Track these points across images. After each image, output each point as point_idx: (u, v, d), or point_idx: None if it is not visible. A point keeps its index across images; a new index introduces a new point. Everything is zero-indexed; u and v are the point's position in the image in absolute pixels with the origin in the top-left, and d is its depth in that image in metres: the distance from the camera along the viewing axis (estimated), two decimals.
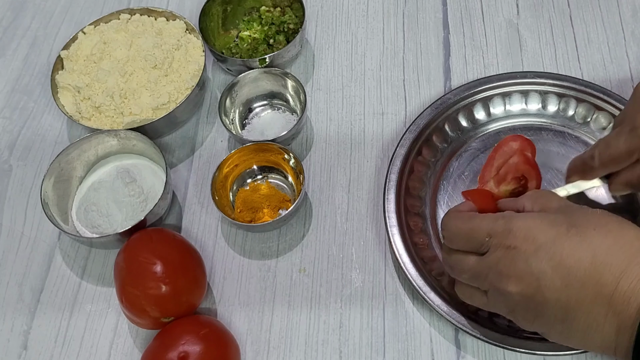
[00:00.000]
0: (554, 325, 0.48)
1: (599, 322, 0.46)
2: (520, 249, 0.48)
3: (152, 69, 0.72)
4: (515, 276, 0.48)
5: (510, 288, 0.48)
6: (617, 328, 0.46)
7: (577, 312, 0.46)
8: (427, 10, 0.80)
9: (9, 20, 0.86)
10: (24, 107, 0.78)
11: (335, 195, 0.68)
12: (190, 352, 0.55)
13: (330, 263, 0.65)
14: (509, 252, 0.48)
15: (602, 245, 0.46)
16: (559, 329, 0.48)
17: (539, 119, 0.69)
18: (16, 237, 0.69)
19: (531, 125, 0.69)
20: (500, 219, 0.50)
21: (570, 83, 0.69)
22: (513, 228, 0.48)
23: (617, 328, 0.46)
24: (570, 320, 0.47)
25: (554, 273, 0.46)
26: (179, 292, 0.59)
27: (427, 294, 0.59)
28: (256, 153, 0.68)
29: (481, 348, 0.59)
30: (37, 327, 0.64)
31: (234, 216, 0.65)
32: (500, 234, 0.49)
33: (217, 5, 0.77)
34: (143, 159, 0.70)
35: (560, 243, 0.47)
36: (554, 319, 0.48)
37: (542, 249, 0.47)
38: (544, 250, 0.47)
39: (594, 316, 0.46)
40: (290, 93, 0.73)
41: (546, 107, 0.69)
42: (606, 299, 0.45)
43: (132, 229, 0.62)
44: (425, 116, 0.68)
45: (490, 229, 0.50)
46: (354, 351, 0.60)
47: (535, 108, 0.70)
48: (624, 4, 0.78)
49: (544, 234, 0.47)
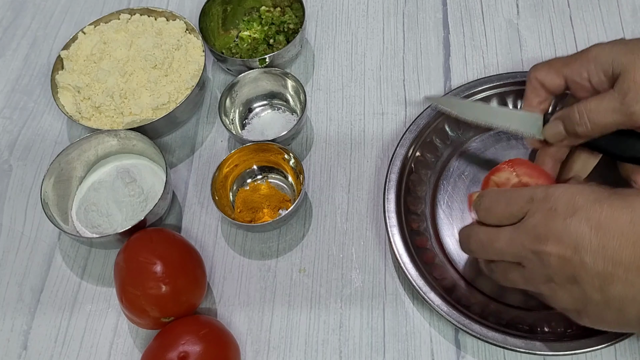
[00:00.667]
0: (591, 295, 0.47)
1: (636, 289, 0.45)
2: (559, 211, 0.47)
3: (152, 69, 0.72)
4: (553, 237, 0.47)
5: (549, 249, 0.47)
6: None
7: (614, 277, 0.45)
8: (427, 10, 0.80)
9: (9, 20, 0.86)
10: (24, 107, 0.79)
11: (335, 195, 0.68)
12: (190, 352, 0.55)
13: (330, 263, 0.65)
14: (548, 214, 0.47)
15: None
16: (597, 299, 0.47)
17: None
18: (16, 237, 0.69)
19: None
20: (540, 187, 0.50)
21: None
22: (555, 193, 0.48)
23: None
24: (607, 288, 0.46)
25: (592, 233, 0.45)
26: (179, 292, 0.59)
27: (427, 294, 0.59)
28: (256, 153, 0.68)
29: (481, 348, 0.59)
30: (37, 327, 0.64)
31: (234, 216, 0.65)
32: (541, 199, 0.49)
33: (217, 5, 0.77)
34: (143, 159, 0.70)
35: (599, 205, 0.46)
36: (591, 286, 0.46)
37: (581, 209, 0.46)
38: (583, 210, 0.46)
39: (632, 282, 0.45)
40: (290, 93, 0.73)
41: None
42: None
43: (132, 229, 0.62)
44: (425, 116, 0.68)
45: (532, 193, 0.50)
46: (354, 351, 0.60)
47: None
48: (624, 4, 0.78)
49: (584, 198, 0.47)
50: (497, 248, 0.51)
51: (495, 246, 0.51)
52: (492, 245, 0.51)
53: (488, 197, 0.53)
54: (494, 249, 0.51)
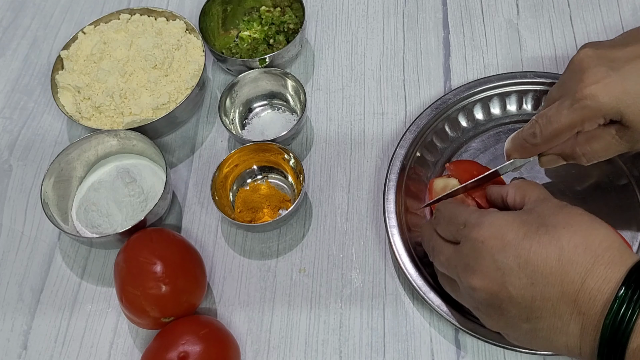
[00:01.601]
0: (518, 324, 0.48)
1: (564, 322, 0.46)
2: (487, 244, 0.48)
3: (152, 69, 0.72)
4: (480, 271, 0.48)
5: (475, 283, 0.48)
6: (582, 328, 0.45)
7: (542, 311, 0.46)
8: (427, 10, 0.80)
9: (9, 20, 0.86)
10: (24, 107, 0.78)
11: (335, 195, 0.68)
12: (190, 352, 0.55)
13: (330, 263, 0.65)
14: (477, 246, 0.48)
15: (569, 243, 0.46)
16: (524, 328, 0.48)
17: None
18: (16, 237, 0.69)
19: None
20: (476, 212, 0.51)
21: None
22: (484, 222, 0.49)
23: (582, 328, 0.45)
24: (536, 320, 0.47)
25: (521, 270, 0.46)
26: (179, 292, 0.59)
27: (427, 294, 0.59)
28: (256, 153, 0.68)
29: (481, 348, 0.59)
30: (37, 327, 0.64)
31: (234, 216, 0.65)
32: (472, 225, 0.50)
33: (217, 5, 0.77)
34: (143, 159, 0.70)
35: (528, 241, 0.47)
36: (518, 318, 0.47)
37: (509, 246, 0.47)
38: (511, 247, 0.47)
39: (560, 315, 0.46)
40: (290, 93, 0.73)
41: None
42: (572, 297, 0.45)
43: (132, 229, 0.62)
44: (425, 116, 0.68)
45: (466, 218, 0.51)
46: (354, 351, 0.60)
47: (535, 108, 0.70)
48: (624, 4, 0.78)
49: (513, 232, 0.47)
50: (438, 260, 0.54)
51: (436, 258, 0.54)
52: (435, 255, 0.54)
53: (441, 209, 0.55)
54: (437, 259, 0.54)
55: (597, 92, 0.52)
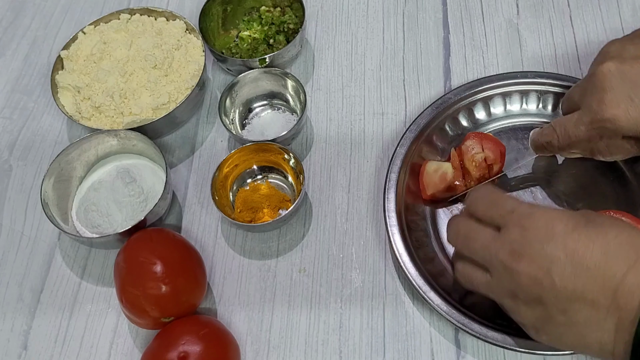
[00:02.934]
0: (554, 316, 0.48)
1: (600, 317, 0.46)
2: (538, 233, 0.48)
3: (152, 69, 0.72)
4: (528, 256, 0.48)
5: (521, 267, 0.48)
6: (617, 325, 0.45)
7: (580, 303, 0.46)
8: (427, 10, 0.80)
9: (9, 20, 0.86)
10: (24, 107, 0.79)
11: (335, 195, 0.68)
12: (190, 352, 0.55)
13: (330, 263, 0.65)
14: (527, 233, 0.49)
15: (615, 240, 0.47)
16: (559, 321, 0.48)
17: (539, 118, 0.69)
18: (16, 237, 0.69)
19: (531, 125, 0.69)
20: (525, 202, 0.51)
21: (570, 83, 0.68)
22: (536, 213, 0.50)
23: (617, 325, 0.45)
24: (572, 312, 0.47)
25: (567, 260, 0.47)
26: (179, 292, 0.59)
27: (427, 294, 0.59)
28: (256, 153, 0.68)
29: (481, 348, 0.59)
30: (37, 327, 0.64)
31: (234, 216, 0.65)
32: (523, 214, 0.50)
33: (217, 5, 0.77)
34: (143, 159, 0.70)
35: (577, 233, 0.47)
36: (556, 309, 0.47)
37: (559, 236, 0.48)
38: (560, 237, 0.47)
39: (597, 308, 0.46)
40: (290, 93, 0.73)
41: (546, 107, 0.69)
42: (611, 291, 0.45)
43: (132, 229, 0.62)
44: (425, 116, 0.68)
45: (516, 205, 0.51)
46: (354, 351, 0.60)
47: (536, 108, 0.70)
48: (624, 4, 0.78)
49: (563, 224, 0.48)
50: (472, 247, 0.53)
51: (470, 244, 0.53)
52: (467, 242, 0.53)
53: (479, 190, 0.55)
54: (469, 246, 0.53)
55: (617, 117, 0.54)
